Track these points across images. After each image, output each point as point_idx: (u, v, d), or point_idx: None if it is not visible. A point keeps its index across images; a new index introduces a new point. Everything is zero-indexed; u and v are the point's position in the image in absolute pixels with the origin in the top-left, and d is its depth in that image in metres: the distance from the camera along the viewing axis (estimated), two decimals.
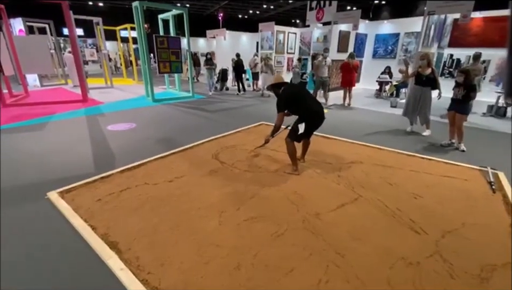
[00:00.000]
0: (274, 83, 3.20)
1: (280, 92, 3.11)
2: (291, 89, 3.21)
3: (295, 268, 1.76)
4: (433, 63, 7.94)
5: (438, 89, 4.70)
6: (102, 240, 1.97)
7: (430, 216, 2.39)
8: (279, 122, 3.09)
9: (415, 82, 4.79)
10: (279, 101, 3.08)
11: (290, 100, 3.05)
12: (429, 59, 4.72)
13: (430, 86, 4.67)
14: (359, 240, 2.05)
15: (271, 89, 3.27)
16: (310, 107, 3.02)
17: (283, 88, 3.13)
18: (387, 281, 1.68)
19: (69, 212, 2.31)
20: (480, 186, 2.99)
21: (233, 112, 6.81)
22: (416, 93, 4.82)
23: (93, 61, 15.52)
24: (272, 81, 3.24)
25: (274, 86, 3.20)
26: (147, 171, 3.17)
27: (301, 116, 3.03)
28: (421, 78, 4.65)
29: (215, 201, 2.55)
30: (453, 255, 1.91)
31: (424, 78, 4.62)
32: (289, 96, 3.07)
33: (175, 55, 8.02)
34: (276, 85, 3.19)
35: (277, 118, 3.09)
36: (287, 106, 3.09)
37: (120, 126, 5.23)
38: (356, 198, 2.65)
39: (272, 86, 3.22)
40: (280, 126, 3.12)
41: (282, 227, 2.17)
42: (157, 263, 1.79)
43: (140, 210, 2.39)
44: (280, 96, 3.09)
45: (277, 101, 3.10)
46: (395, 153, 3.93)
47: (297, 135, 3.03)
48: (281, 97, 3.08)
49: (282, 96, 3.07)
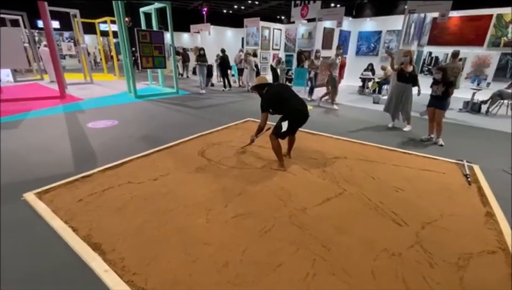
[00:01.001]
0: (257, 85, 3.25)
1: (264, 93, 3.15)
2: (274, 89, 3.24)
3: (283, 263, 1.78)
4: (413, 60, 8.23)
5: (418, 86, 4.86)
6: (84, 242, 1.91)
7: (411, 208, 2.49)
8: (263, 122, 3.14)
9: (398, 79, 4.93)
10: (263, 101, 3.12)
11: (273, 100, 3.10)
12: (411, 56, 4.87)
13: (411, 82, 4.82)
14: (344, 233, 2.11)
15: (254, 90, 3.31)
16: (293, 106, 3.06)
17: (266, 88, 3.17)
18: (371, 272, 1.74)
19: (48, 214, 2.21)
20: (456, 179, 3.13)
21: (219, 108, 6.75)
22: (398, 90, 4.96)
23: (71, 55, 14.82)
24: (255, 83, 3.29)
25: (257, 87, 3.25)
26: (131, 170, 3.09)
27: (284, 115, 3.07)
28: (403, 74, 4.79)
29: (202, 199, 2.52)
30: (432, 245, 2.00)
31: (407, 75, 4.76)
32: (272, 96, 3.12)
33: (158, 50, 7.82)
34: (258, 86, 3.24)
35: (261, 118, 3.14)
36: (271, 106, 3.13)
37: (101, 123, 5.05)
38: (341, 192, 2.71)
39: (255, 87, 3.28)
40: (264, 126, 3.17)
41: (270, 223, 2.18)
42: (142, 263, 1.75)
43: (123, 209, 2.33)
44: (263, 97, 3.13)
45: (261, 102, 3.14)
46: (377, 148, 4.05)
47: (281, 132, 3.05)
48: (265, 98, 3.12)
49: (266, 97, 3.12)
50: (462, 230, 2.21)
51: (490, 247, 2.02)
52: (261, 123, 3.15)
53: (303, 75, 8.67)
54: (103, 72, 13.46)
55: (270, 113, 3.22)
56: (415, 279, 1.70)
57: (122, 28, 7.16)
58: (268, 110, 3.11)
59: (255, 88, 3.26)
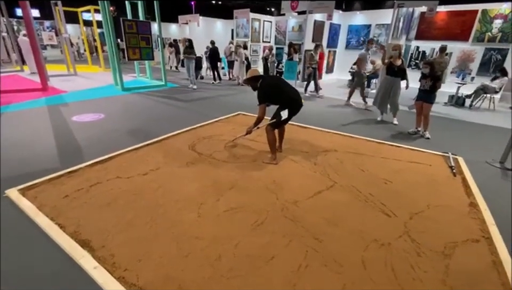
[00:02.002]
0: (251, 77, 3.20)
1: (259, 85, 3.12)
2: (270, 80, 3.25)
3: (276, 256, 1.79)
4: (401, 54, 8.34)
5: (406, 80, 4.94)
6: (72, 239, 1.85)
7: (399, 199, 2.55)
8: (261, 114, 3.11)
9: (387, 73, 4.99)
10: (260, 94, 3.08)
11: (270, 92, 3.09)
12: (400, 50, 4.93)
13: (400, 76, 4.89)
14: (335, 225, 2.14)
15: (247, 83, 3.26)
16: (290, 96, 3.10)
17: (260, 81, 3.14)
18: (362, 262, 1.77)
19: (32, 211, 2.13)
20: (442, 170, 3.23)
21: (209, 101, 6.65)
22: (387, 83, 5.02)
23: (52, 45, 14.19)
24: (248, 76, 3.24)
25: (250, 80, 3.20)
26: (119, 165, 3.01)
27: (282, 105, 3.09)
28: (392, 68, 4.86)
29: (193, 193, 2.49)
30: (419, 235, 2.06)
31: (395, 69, 4.82)
32: (269, 87, 3.10)
33: (145, 40, 7.60)
34: (252, 78, 3.19)
35: (259, 110, 3.11)
36: (268, 98, 3.11)
37: (87, 116, 4.89)
38: (332, 185, 2.75)
39: (248, 80, 3.22)
40: (263, 118, 3.14)
41: (262, 216, 2.18)
42: (134, 259, 1.72)
43: (112, 205, 2.27)
44: (260, 89, 3.10)
45: (258, 94, 3.10)
46: (366, 141, 4.11)
47: (279, 122, 3.11)
48: (262, 90, 3.09)
49: (263, 89, 3.09)
50: (448, 220, 2.28)
51: (474, 235, 2.10)
52: (260, 115, 3.12)
53: (294, 68, 8.64)
54: (88, 64, 13.00)
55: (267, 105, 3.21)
56: (403, 267, 1.75)
57: (107, 18, 6.89)
58: (265, 102, 3.09)
59: (248, 81, 3.22)
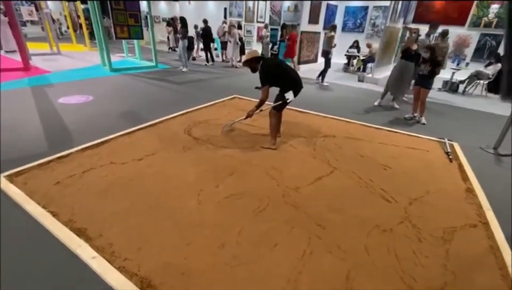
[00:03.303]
0: (251, 58, 3.03)
1: (260, 67, 2.97)
2: (272, 62, 3.13)
3: (279, 243, 1.77)
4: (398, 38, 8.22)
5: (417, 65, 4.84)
6: (66, 228, 1.77)
7: (399, 185, 2.56)
8: (265, 96, 2.95)
9: (402, 57, 4.86)
10: (263, 75, 2.93)
11: (274, 73, 2.95)
12: (418, 34, 4.81)
13: (415, 61, 4.76)
14: (337, 211, 2.13)
15: (246, 65, 3.09)
16: (292, 77, 3.02)
17: (262, 62, 2.99)
18: (365, 248, 1.78)
19: (22, 198, 2.02)
20: (439, 156, 3.26)
21: (203, 84, 6.44)
22: (402, 68, 4.88)
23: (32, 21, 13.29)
24: (247, 56, 3.06)
25: (251, 61, 3.04)
26: (112, 149, 2.89)
27: (285, 87, 2.99)
28: (409, 52, 4.73)
29: (192, 179, 2.42)
30: (420, 220, 2.08)
31: (412, 53, 4.71)
32: (272, 68, 2.97)
33: (134, 18, 7.18)
34: (252, 60, 3.03)
35: (263, 92, 2.95)
36: (271, 79, 2.96)
37: (74, 98, 4.65)
38: (332, 171, 2.72)
39: (248, 62, 3.05)
40: (266, 99, 2.99)
41: (264, 203, 2.15)
42: (133, 248, 1.67)
43: (108, 192, 2.18)
44: (262, 70, 2.95)
45: (261, 75, 2.95)
46: (364, 127, 4.09)
47: (284, 104, 3.05)
48: (265, 71, 2.94)
49: (265, 70, 2.94)
50: (446, 205, 2.31)
51: (472, 220, 2.14)
52: (263, 97, 2.96)
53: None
54: (72, 42, 12.30)
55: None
56: (405, 253, 1.77)
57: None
58: (269, 83, 2.94)
59: (248, 62, 3.03)
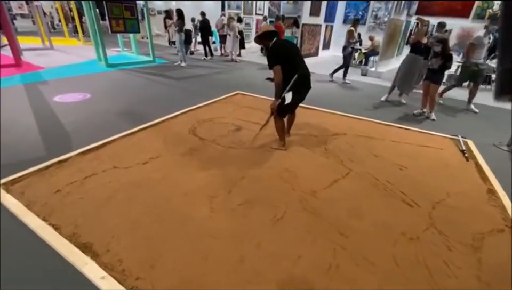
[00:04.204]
0: (265, 32, 2.63)
1: (271, 44, 2.61)
2: (284, 41, 2.75)
3: (303, 255, 1.64)
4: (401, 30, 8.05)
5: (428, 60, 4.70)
6: (70, 243, 1.62)
7: (417, 187, 2.45)
8: (279, 77, 2.54)
9: (411, 51, 4.70)
10: (272, 53, 2.58)
11: (283, 53, 2.57)
12: (428, 26, 4.64)
13: (424, 55, 4.60)
14: (358, 217, 2.01)
15: (259, 41, 2.74)
16: (299, 67, 2.62)
17: (275, 39, 2.62)
18: (393, 258, 1.67)
19: (20, 210, 1.86)
20: (454, 154, 3.15)
21: (203, 79, 6.24)
22: (411, 62, 4.71)
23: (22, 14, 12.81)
24: (261, 30, 2.65)
25: (264, 37, 2.64)
26: (114, 152, 2.72)
27: (288, 76, 2.56)
28: (419, 46, 4.57)
29: (201, 184, 2.28)
30: (446, 226, 1.97)
31: (422, 46, 4.55)
32: (282, 47, 2.60)
33: (130, 11, 6.90)
34: (266, 34, 2.62)
35: (275, 73, 2.55)
36: (281, 59, 2.54)
37: (71, 96, 4.44)
38: (347, 173, 2.60)
39: (259, 37, 2.66)
40: (281, 80, 2.56)
41: (281, 210, 2.02)
42: (145, 265, 1.53)
43: (112, 200, 2.03)
44: (271, 49, 2.60)
45: (268, 54, 2.60)
46: (374, 124, 3.97)
47: (285, 108, 2.72)
48: (274, 49, 2.59)
49: (275, 48, 2.59)
50: (469, 209, 2.21)
51: (498, 225, 2.03)
52: (277, 78, 2.55)
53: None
54: (64, 36, 11.90)
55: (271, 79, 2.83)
56: (436, 263, 1.66)
57: None
58: (279, 63, 2.52)
59: (261, 37, 2.65)
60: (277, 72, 2.53)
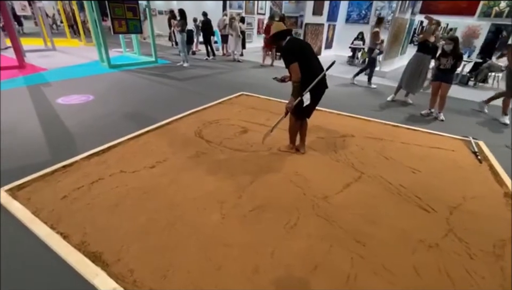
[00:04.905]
0: (279, 32, 2.47)
1: (285, 43, 2.46)
2: (298, 40, 2.60)
3: (319, 265, 1.58)
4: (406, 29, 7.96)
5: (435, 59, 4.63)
6: (80, 252, 1.57)
7: (432, 191, 2.38)
8: (297, 75, 2.39)
9: (418, 50, 4.63)
10: (287, 52, 2.43)
11: (299, 51, 2.42)
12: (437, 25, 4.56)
13: (432, 54, 4.53)
14: (373, 224, 1.95)
15: (272, 41, 2.55)
16: (315, 68, 2.49)
17: (289, 38, 2.47)
18: (414, 268, 1.60)
19: (27, 217, 1.81)
20: (466, 156, 3.08)
21: (206, 80, 6.18)
22: (418, 61, 4.63)
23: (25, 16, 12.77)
24: (274, 30, 2.49)
25: (276, 36, 2.47)
26: (121, 156, 2.67)
27: (304, 78, 2.42)
28: (427, 45, 4.49)
29: (211, 189, 2.22)
30: (465, 233, 1.90)
31: (430, 45, 4.47)
32: (298, 47, 2.45)
33: (132, 11, 6.84)
34: (280, 34, 2.47)
35: (293, 72, 2.40)
36: (297, 57, 2.39)
37: (74, 98, 4.39)
38: (359, 176, 2.54)
39: (273, 37, 2.49)
40: (299, 77, 2.41)
41: (294, 216, 1.96)
42: (157, 275, 1.47)
43: (120, 207, 1.98)
44: (286, 47, 2.45)
45: (284, 54, 2.46)
46: (382, 125, 3.90)
47: (303, 110, 2.58)
48: (289, 48, 2.44)
49: (290, 47, 2.44)
50: (487, 214, 2.14)
51: None
52: (295, 77, 2.40)
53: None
54: (66, 37, 11.87)
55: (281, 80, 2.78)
56: (458, 272, 1.60)
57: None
58: (296, 60, 2.37)
59: (274, 37, 2.49)
60: (294, 71, 2.39)
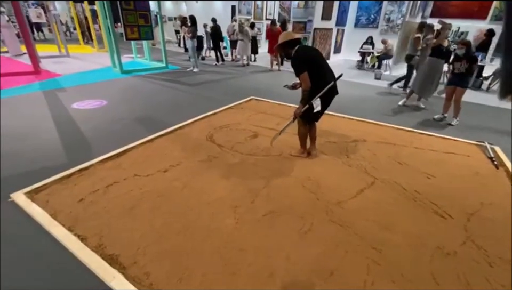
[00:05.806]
0: (286, 41, 2.49)
1: (294, 52, 2.49)
2: (308, 48, 2.64)
3: (335, 271, 1.57)
4: None
5: (448, 64, 4.58)
6: (97, 255, 1.60)
7: (448, 197, 2.34)
8: (307, 84, 2.44)
9: (432, 54, 4.58)
10: (297, 61, 2.45)
11: (309, 61, 2.46)
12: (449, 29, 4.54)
13: (445, 58, 4.48)
14: (388, 230, 1.92)
15: (281, 50, 2.58)
16: (326, 76, 2.52)
17: (298, 46, 2.50)
18: (432, 276, 1.57)
19: (45, 219, 1.86)
20: (482, 162, 3.01)
21: (216, 85, 6.25)
22: (432, 66, 4.59)
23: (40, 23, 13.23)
24: (282, 39, 2.51)
25: (285, 46, 2.50)
26: (134, 160, 2.71)
27: (314, 86, 2.46)
28: (440, 49, 4.45)
29: (224, 193, 2.23)
30: (483, 240, 1.86)
31: (444, 50, 4.44)
32: (308, 56, 2.49)
33: (144, 18, 7.00)
34: (288, 43, 2.48)
35: (303, 81, 2.45)
36: (307, 66, 2.43)
37: (88, 103, 4.50)
38: (373, 182, 2.51)
39: (282, 46, 2.51)
40: (309, 87, 2.47)
41: (308, 222, 1.95)
42: (173, 278, 1.48)
43: (136, 210, 2.01)
44: (295, 56, 2.48)
45: (293, 63, 2.48)
46: (394, 129, 3.85)
47: (312, 115, 2.61)
48: (298, 57, 2.47)
49: (300, 56, 2.47)
50: (505, 221, 2.08)
51: None
52: (305, 86, 2.45)
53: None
54: (79, 44, 12.21)
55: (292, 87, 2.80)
56: (478, 280, 1.55)
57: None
58: (306, 70, 2.41)
59: (283, 46, 2.51)
60: (304, 80, 2.45)
